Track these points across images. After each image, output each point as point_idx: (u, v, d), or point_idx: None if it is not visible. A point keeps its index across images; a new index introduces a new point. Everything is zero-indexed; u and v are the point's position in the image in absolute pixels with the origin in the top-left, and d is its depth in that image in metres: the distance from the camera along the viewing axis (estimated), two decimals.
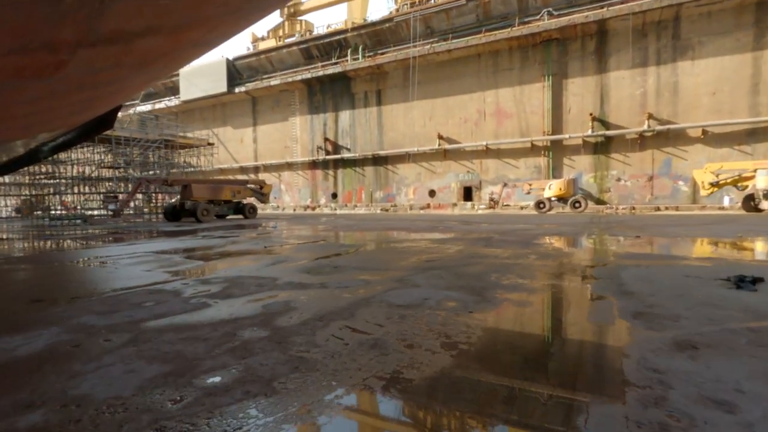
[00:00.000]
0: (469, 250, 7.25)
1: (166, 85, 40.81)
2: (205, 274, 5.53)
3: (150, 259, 7.09)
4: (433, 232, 11.51)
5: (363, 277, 4.99)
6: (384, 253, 7.26)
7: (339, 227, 14.11)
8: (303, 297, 4.05)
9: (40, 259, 7.85)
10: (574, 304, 3.76)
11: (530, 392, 2.00)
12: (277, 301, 3.92)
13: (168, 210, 19.81)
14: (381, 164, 30.41)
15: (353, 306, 3.65)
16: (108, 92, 8.60)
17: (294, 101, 33.80)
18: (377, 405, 1.97)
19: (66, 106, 7.67)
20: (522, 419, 1.78)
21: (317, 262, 6.25)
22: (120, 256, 7.50)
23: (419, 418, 1.88)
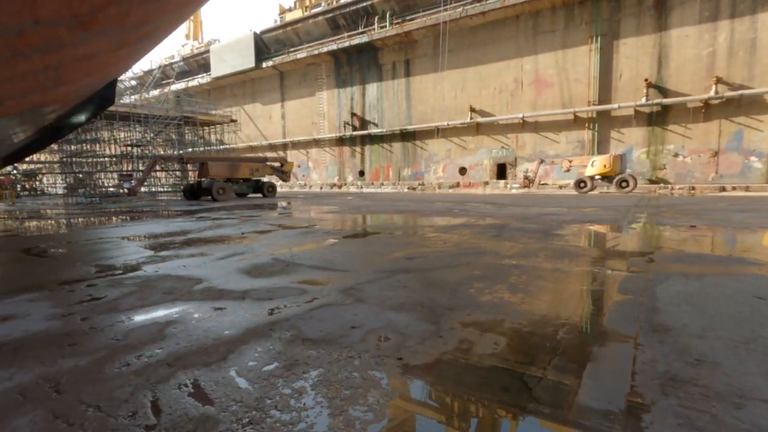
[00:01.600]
0: (470, 243, 5.93)
1: (198, 62, 40.90)
2: (136, 270, 4.63)
3: (108, 246, 6.36)
4: (446, 215, 10.16)
5: (307, 283, 3.89)
6: (365, 245, 6.10)
7: (349, 209, 13.05)
8: (196, 315, 3.01)
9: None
10: (566, 354, 2.45)
11: None
12: (157, 321, 2.90)
13: (186, 189, 19.61)
14: (409, 140, 28.83)
15: (239, 340, 2.55)
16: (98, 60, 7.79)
17: (321, 75, 32.62)
18: None
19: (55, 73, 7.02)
20: None
21: (276, 256, 5.21)
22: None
23: None
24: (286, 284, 3.86)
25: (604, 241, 6.43)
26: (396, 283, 3.84)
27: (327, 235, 7.09)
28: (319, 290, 3.65)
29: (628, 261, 4.65)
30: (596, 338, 2.50)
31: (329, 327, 2.75)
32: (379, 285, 3.77)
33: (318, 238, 6.82)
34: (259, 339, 2.56)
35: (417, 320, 2.85)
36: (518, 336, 2.57)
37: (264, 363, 2.21)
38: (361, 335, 2.60)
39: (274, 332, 2.66)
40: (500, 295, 3.38)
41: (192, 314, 3.05)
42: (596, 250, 5.44)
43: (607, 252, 5.32)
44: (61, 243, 7.20)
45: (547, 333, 2.59)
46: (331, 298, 3.41)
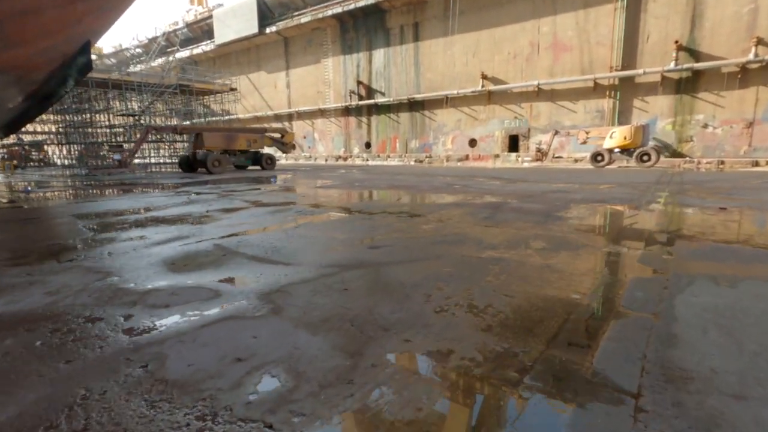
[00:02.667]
0: (453, 228, 5.07)
1: (202, 28, 39.49)
2: (48, 259, 3.93)
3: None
4: (441, 192, 9.25)
5: (228, 281, 3.13)
6: (331, 229, 5.29)
7: (341, 183, 12.20)
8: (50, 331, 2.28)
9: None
10: (527, 425, 1.62)
11: None
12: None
13: (182, 160, 18.97)
14: (417, 110, 27.42)
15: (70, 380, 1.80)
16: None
17: (326, 40, 31.04)
18: None
19: None
20: None
21: (221, 242, 4.45)
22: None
23: None
24: (201, 283, 3.10)
25: (614, 226, 5.47)
26: (337, 283, 3.05)
27: (298, 215, 6.30)
28: (236, 293, 2.88)
29: (640, 256, 3.73)
30: (575, 396, 1.66)
31: (207, 358, 1.98)
32: (314, 286, 2.98)
33: (285, 218, 6.04)
34: (98, 376, 1.81)
35: (332, 348, 2.06)
36: (465, 383, 1.76)
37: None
38: (240, 375, 1.83)
39: (127, 366, 1.91)
40: (462, 307, 2.55)
41: (47, 331, 2.31)
42: (603, 239, 4.52)
43: (616, 242, 4.40)
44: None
45: (507, 379, 1.77)
46: (241, 306, 2.64)
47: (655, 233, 4.68)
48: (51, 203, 8.99)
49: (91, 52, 11.14)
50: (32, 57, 9.33)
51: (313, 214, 6.37)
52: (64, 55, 11.03)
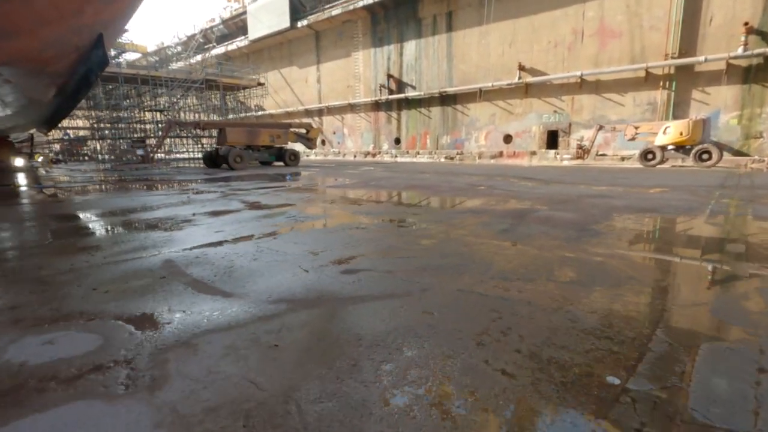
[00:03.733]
0: (458, 244, 4.11)
1: (237, 24, 39.88)
2: None
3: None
4: (462, 194, 8.22)
5: (124, 325, 2.35)
6: (312, 242, 4.46)
7: (358, 182, 11.40)
8: None
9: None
10: None
11: None
12: None
13: (206, 156, 18.83)
14: (449, 104, 26.13)
15: None
16: None
17: (357, 33, 30.28)
18: None
19: None
20: None
21: (174, 258, 3.73)
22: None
23: None
24: (87, 331, 2.34)
25: (670, 248, 4.29)
26: (271, 333, 2.21)
27: (286, 222, 5.52)
28: (116, 348, 2.09)
29: (713, 302, 2.64)
30: None
31: None
32: (237, 337, 2.15)
33: (270, 225, 5.27)
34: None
35: None
36: None
37: None
38: None
39: None
40: (430, 398, 1.63)
41: None
42: (655, 269, 3.40)
43: (673, 274, 3.29)
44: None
45: None
46: (104, 379, 1.84)
47: (729, 261, 3.51)
48: (38, 199, 8.74)
49: (104, 46, 10.90)
50: (40, 49, 9.12)
51: (303, 221, 5.57)
52: (77, 49, 10.84)
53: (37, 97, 15.45)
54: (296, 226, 5.25)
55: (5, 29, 7.13)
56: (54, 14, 7.56)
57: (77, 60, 11.54)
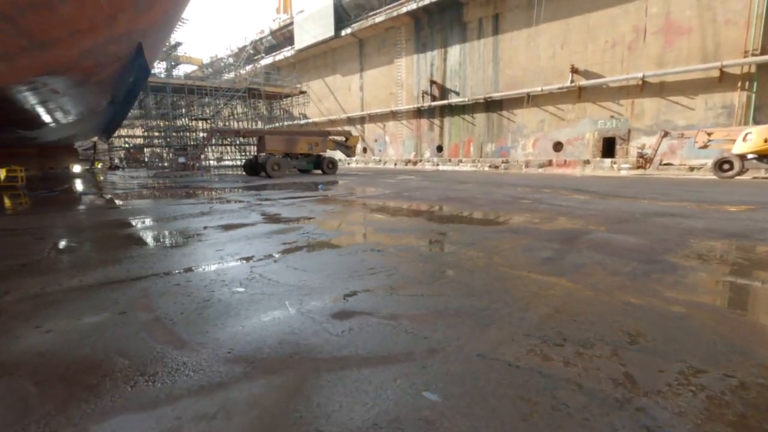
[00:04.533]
0: (488, 278, 3.32)
1: (284, 35, 40.91)
2: None
3: None
4: (502, 209, 7.31)
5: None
6: (317, 269, 3.85)
7: (391, 193, 10.76)
8: None
9: None
10: None
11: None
12: None
13: (246, 164, 19.01)
14: (494, 110, 24.93)
15: None
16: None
17: (400, 39, 29.87)
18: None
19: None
20: None
21: (155, 285, 3.24)
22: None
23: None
24: None
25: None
26: (201, 421, 1.56)
27: (299, 240, 4.95)
28: None
29: None
30: None
31: None
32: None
33: (277, 244, 4.72)
34: None
35: None
36: None
37: None
38: None
39: None
40: None
41: None
42: (766, 338, 2.43)
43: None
44: None
45: None
46: None
47: None
48: (64, 205, 8.81)
49: (144, 55, 11.10)
50: (78, 59, 9.32)
51: (316, 239, 4.98)
52: (118, 58, 11.09)
53: (92, 106, 16.25)
54: (306, 245, 4.66)
55: (38, 39, 7.21)
56: (85, 23, 7.60)
57: (120, 70, 11.86)
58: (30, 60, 7.99)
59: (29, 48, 7.47)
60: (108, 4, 7.41)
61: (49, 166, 25.89)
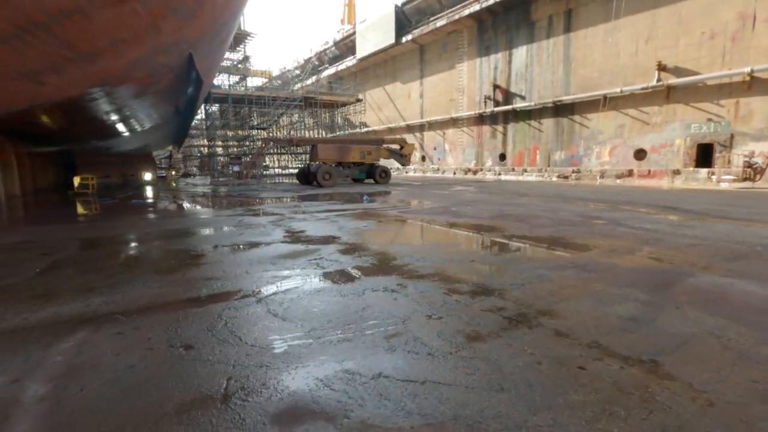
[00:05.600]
0: (538, 351, 2.21)
1: (347, 45, 41.37)
2: None
3: None
4: (567, 233, 5.96)
5: None
6: (306, 314, 2.98)
7: (437, 208, 9.69)
8: None
9: None
10: None
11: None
12: None
13: (299, 172, 18.92)
14: (564, 114, 22.68)
15: None
16: None
17: (462, 43, 28.59)
18: None
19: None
20: None
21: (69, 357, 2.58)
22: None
23: None
24: None
25: None
26: None
27: (306, 268, 4.13)
28: None
29: None
30: None
31: None
32: None
33: (274, 277, 3.93)
34: None
35: None
36: None
37: None
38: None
39: None
40: None
41: None
42: None
43: None
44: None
45: None
46: None
47: None
48: (101, 211, 8.81)
49: (196, 66, 11.15)
50: (130, 69, 9.45)
51: (325, 268, 4.13)
52: (170, 69, 11.23)
53: (157, 117, 17.05)
54: (310, 278, 3.83)
55: (81, 50, 7.23)
56: (127, 33, 7.53)
57: (174, 80, 12.08)
58: (80, 71, 8.13)
59: (75, 59, 7.56)
60: (146, 12, 7.28)
61: (130, 174, 28.16)
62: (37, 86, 7.92)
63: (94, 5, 6.17)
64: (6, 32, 5.83)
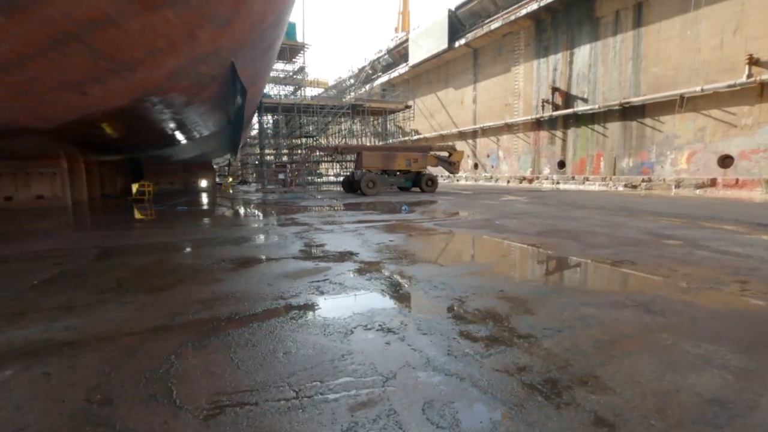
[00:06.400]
0: None
1: (400, 52, 41.24)
2: None
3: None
4: (628, 261, 4.92)
5: None
6: (259, 365, 2.41)
7: (477, 221, 8.85)
8: None
9: None
10: None
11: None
12: None
13: (344, 180, 18.70)
14: (633, 117, 20.52)
15: None
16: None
17: (519, 45, 27.14)
18: None
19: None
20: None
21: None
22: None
23: None
24: None
25: None
26: None
27: (304, 290, 3.61)
28: None
29: None
30: None
31: None
32: None
33: (264, 299, 3.44)
34: None
35: None
36: None
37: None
38: None
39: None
40: None
41: None
42: None
43: None
44: None
45: None
46: None
47: None
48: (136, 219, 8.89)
49: (237, 74, 11.25)
50: (172, 79, 9.66)
51: (325, 291, 3.57)
52: (213, 78, 11.41)
53: (210, 125, 17.67)
54: (299, 309, 3.28)
55: (119, 60, 7.37)
56: (163, 42, 7.58)
57: (219, 90, 12.31)
58: (122, 81, 8.36)
59: (115, 69, 7.75)
60: (180, 21, 7.28)
61: (192, 181, 29.81)
62: (83, 97, 8.24)
63: (124, 14, 6.18)
64: (42, 44, 5.99)
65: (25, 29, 5.47)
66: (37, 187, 13.02)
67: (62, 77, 7.15)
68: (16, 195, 12.77)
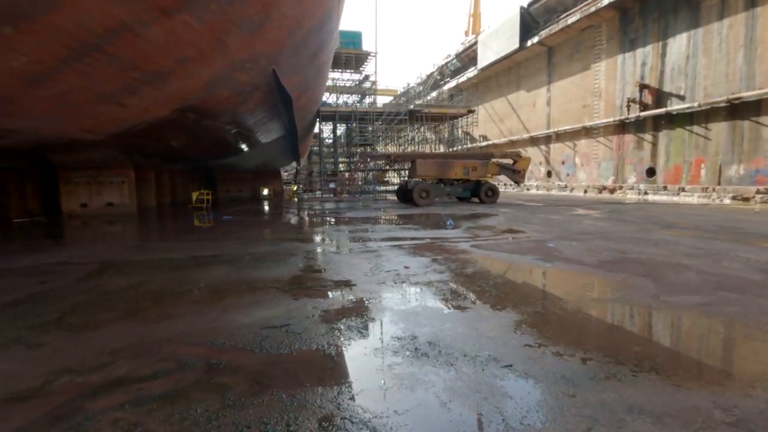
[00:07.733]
0: None
1: (468, 56, 39.69)
2: None
3: None
4: (737, 310, 3.41)
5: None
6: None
7: (532, 241, 7.47)
8: None
9: None
10: None
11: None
12: None
13: (398, 189, 17.84)
14: (745, 116, 17.02)
15: None
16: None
17: (600, 39, 24.30)
18: None
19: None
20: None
21: None
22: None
23: None
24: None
25: None
26: None
27: (286, 335, 2.81)
28: None
29: None
30: None
31: None
32: None
33: (238, 343, 2.69)
34: None
35: None
36: None
37: None
38: None
39: None
40: None
41: None
42: None
43: None
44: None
45: None
46: None
47: None
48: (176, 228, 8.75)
49: (280, 81, 11.00)
50: (210, 88, 9.58)
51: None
52: (256, 87, 11.28)
53: (273, 132, 17.94)
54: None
55: (148, 70, 7.30)
56: (191, 51, 7.40)
57: (264, 98, 12.20)
58: (157, 92, 8.38)
59: (146, 80, 7.74)
60: (204, 27, 7.03)
61: (260, 188, 31.07)
62: (121, 108, 8.38)
63: (140, 21, 5.99)
64: (62, 55, 5.98)
65: (39, 40, 5.43)
66: (108, 195, 14.05)
67: (94, 88, 7.24)
68: (90, 202, 13.89)
